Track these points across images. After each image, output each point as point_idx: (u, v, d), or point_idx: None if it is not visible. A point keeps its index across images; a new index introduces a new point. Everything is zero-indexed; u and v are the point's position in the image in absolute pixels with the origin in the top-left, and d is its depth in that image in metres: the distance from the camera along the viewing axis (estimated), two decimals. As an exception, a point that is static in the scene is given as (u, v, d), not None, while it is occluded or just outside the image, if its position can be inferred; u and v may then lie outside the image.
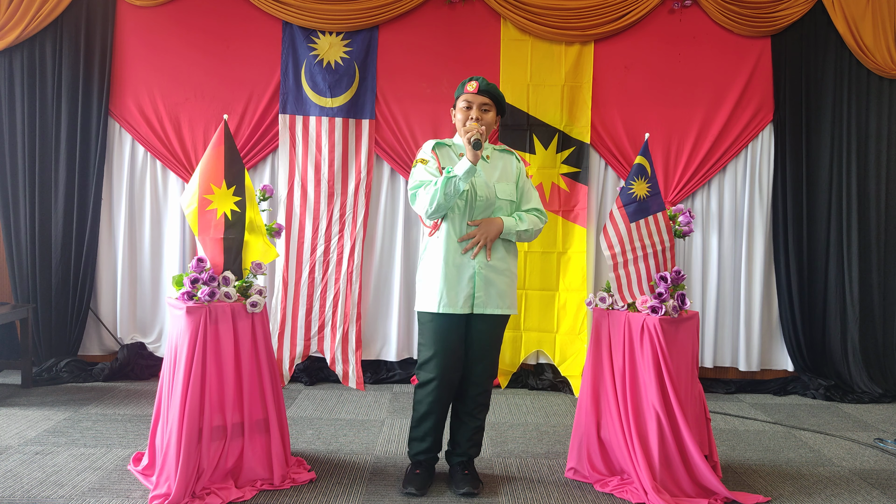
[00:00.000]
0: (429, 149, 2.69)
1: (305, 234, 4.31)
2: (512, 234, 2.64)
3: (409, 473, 2.72)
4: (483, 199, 2.62)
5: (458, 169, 2.49)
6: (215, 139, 2.67)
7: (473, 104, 2.64)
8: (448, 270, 2.58)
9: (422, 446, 2.72)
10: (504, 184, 2.69)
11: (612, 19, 4.31)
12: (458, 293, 2.58)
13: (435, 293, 2.59)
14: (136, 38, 4.31)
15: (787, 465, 3.10)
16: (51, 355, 4.29)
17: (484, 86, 2.64)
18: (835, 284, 4.41)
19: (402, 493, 2.65)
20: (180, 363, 2.50)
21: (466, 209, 2.61)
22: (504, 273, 2.65)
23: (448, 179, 2.48)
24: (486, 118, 2.65)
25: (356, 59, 4.34)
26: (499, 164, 2.73)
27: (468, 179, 2.50)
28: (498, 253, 2.65)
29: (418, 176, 2.62)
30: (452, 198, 2.51)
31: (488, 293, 2.61)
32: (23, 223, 4.28)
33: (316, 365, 4.40)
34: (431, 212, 2.54)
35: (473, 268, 2.59)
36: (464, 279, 2.59)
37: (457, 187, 2.49)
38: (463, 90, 2.67)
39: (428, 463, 2.75)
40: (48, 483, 2.63)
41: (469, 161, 2.47)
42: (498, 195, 2.66)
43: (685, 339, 2.74)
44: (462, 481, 2.66)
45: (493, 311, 2.62)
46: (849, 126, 4.39)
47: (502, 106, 2.72)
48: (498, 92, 2.68)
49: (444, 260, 2.59)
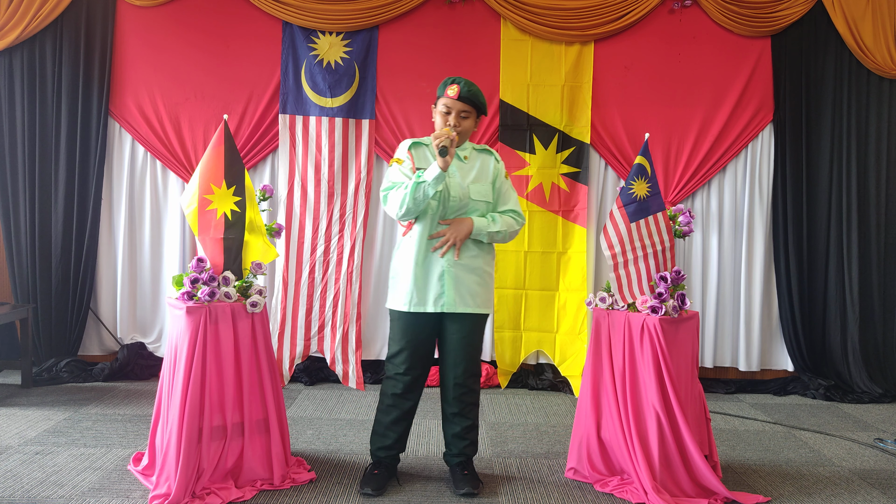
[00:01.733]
0: (405, 148, 2.68)
1: (305, 234, 4.31)
2: (483, 234, 2.63)
3: (368, 473, 2.70)
4: (456, 199, 2.62)
5: (427, 174, 2.48)
6: (215, 139, 2.67)
7: (453, 110, 2.61)
8: (418, 270, 2.59)
9: (383, 442, 2.71)
10: (479, 185, 2.67)
11: (612, 19, 4.31)
12: (428, 292, 2.58)
13: (405, 292, 2.60)
14: (136, 38, 4.31)
15: (787, 465, 3.10)
16: (51, 355, 4.29)
17: (465, 92, 2.58)
18: (835, 284, 4.41)
19: (359, 492, 2.63)
20: (180, 363, 2.50)
21: (440, 209, 2.61)
22: (475, 272, 2.64)
23: (417, 184, 2.47)
24: (465, 124, 2.63)
25: (356, 59, 4.34)
26: (476, 165, 2.71)
27: (437, 185, 2.48)
28: (469, 252, 2.63)
29: (391, 177, 2.62)
30: (422, 202, 2.51)
31: (459, 292, 2.59)
32: (23, 223, 4.28)
33: (316, 365, 4.40)
34: (401, 214, 2.55)
35: (442, 267, 2.59)
36: (433, 278, 2.59)
37: (426, 193, 2.48)
38: (444, 92, 2.63)
39: (388, 462, 2.74)
40: (48, 483, 2.63)
41: (439, 167, 2.45)
42: (472, 196, 2.64)
43: (685, 339, 2.74)
44: (462, 481, 2.66)
45: (463, 310, 2.60)
46: (849, 126, 4.39)
47: (483, 109, 2.68)
48: (478, 99, 2.63)
49: (414, 259, 2.59)
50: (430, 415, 3.62)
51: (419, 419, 3.54)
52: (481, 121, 4.29)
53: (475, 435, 2.76)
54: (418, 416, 3.56)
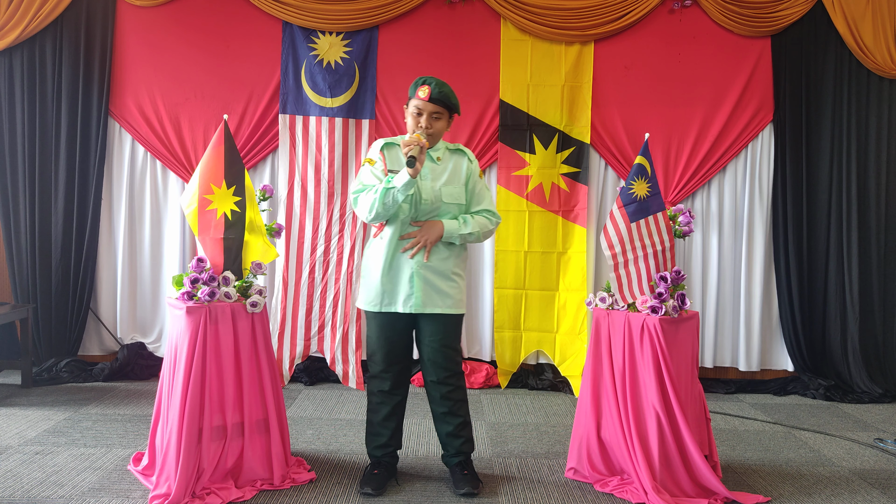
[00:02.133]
0: (377, 149, 2.66)
1: (305, 234, 4.31)
2: (455, 237, 2.61)
3: (368, 473, 2.70)
4: (428, 202, 2.61)
5: (397, 181, 2.46)
6: (215, 139, 2.67)
7: (424, 112, 2.59)
8: (387, 271, 2.60)
9: (378, 440, 2.72)
10: (451, 187, 2.65)
11: (612, 19, 4.31)
12: (397, 293, 2.59)
13: (375, 293, 2.62)
14: (136, 38, 4.31)
15: (787, 465, 3.10)
16: (51, 355, 4.29)
17: (436, 93, 2.55)
18: (835, 284, 4.41)
19: (359, 492, 2.63)
20: (180, 363, 2.50)
21: (411, 212, 2.60)
22: (445, 274, 2.62)
23: (387, 190, 2.46)
24: (437, 126, 2.61)
25: (356, 59, 4.34)
26: (448, 166, 2.68)
27: (407, 192, 2.47)
28: (440, 254, 2.62)
29: (362, 178, 2.60)
30: (391, 208, 2.50)
31: (428, 294, 2.59)
32: (23, 223, 4.28)
33: (316, 365, 4.40)
34: (371, 219, 2.54)
35: (412, 268, 2.59)
36: (403, 280, 2.59)
37: (395, 199, 2.47)
38: (415, 93, 2.60)
39: (387, 461, 2.74)
40: (48, 483, 2.63)
41: (408, 174, 2.43)
42: (444, 199, 2.63)
43: (685, 339, 2.74)
44: (462, 481, 2.66)
45: (433, 310, 2.60)
46: (849, 126, 4.39)
47: (455, 110, 2.65)
48: (450, 100, 2.59)
49: (384, 261, 2.60)
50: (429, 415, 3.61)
51: (419, 419, 3.55)
52: (481, 121, 4.36)
53: (469, 432, 2.76)
54: (418, 416, 3.57)
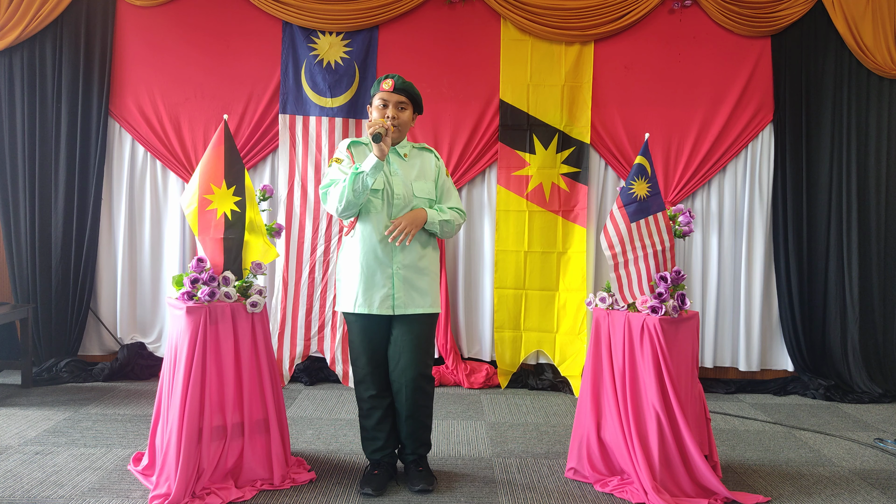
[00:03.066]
0: (344, 148, 2.69)
1: (305, 234, 4.31)
2: (435, 224, 2.64)
3: (368, 474, 2.70)
4: (401, 197, 2.62)
5: (365, 165, 2.48)
6: (215, 139, 2.67)
7: (389, 102, 2.63)
8: (364, 271, 2.59)
9: (375, 444, 2.73)
10: (422, 182, 2.69)
11: (612, 19, 4.31)
12: (375, 294, 2.59)
13: (352, 294, 2.61)
14: (136, 38, 4.32)
15: (787, 465, 3.10)
16: (51, 355, 4.29)
17: (400, 84, 2.63)
18: (835, 284, 4.41)
19: (359, 493, 2.63)
20: (180, 363, 2.50)
21: (384, 207, 2.61)
22: (423, 272, 2.65)
23: (356, 175, 2.47)
24: (403, 116, 2.65)
25: (356, 59, 4.34)
26: (416, 163, 2.73)
27: (375, 175, 2.48)
28: (416, 252, 2.64)
29: (331, 175, 2.62)
30: (361, 194, 2.50)
31: (408, 293, 2.61)
32: (23, 223, 4.28)
33: (316, 365, 4.40)
34: (342, 209, 2.53)
35: (392, 268, 2.59)
36: (381, 280, 2.59)
37: (364, 183, 2.48)
38: (379, 88, 2.65)
39: (386, 462, 2.74)
40: (48, 483, 2.63)
41: (375, 156, 2.45)
42: (416, 193, 2.66)
43: (685, 339, 2.74)
44: (416, 478, 2.66)
45: (414, 310, 2.62)
46: (849, 126, 4.39)
47: (419, 104, 2.71)
48: (414, 90, 2.67)
49: (360, 261, 2.60)
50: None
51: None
52: (481, 121, 4.36)
53: (427, 436, 2.77)
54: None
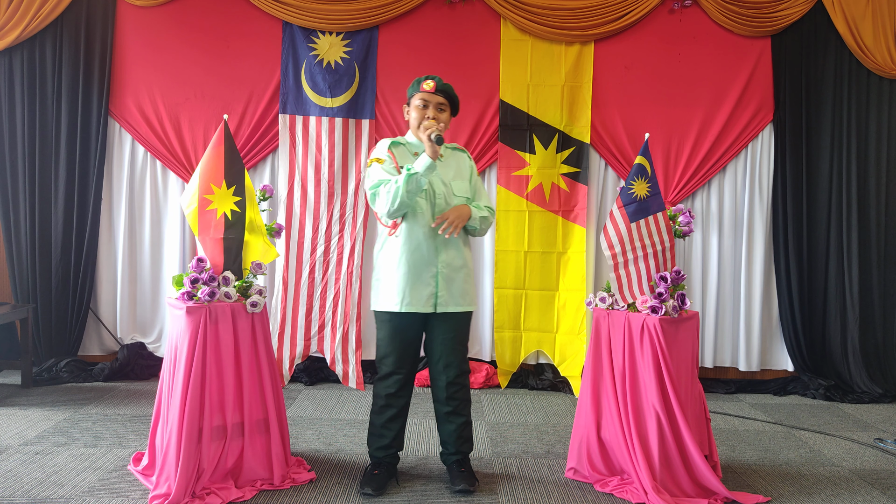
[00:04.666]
0: (384, 148, 2.69)
1: (305, 234, 4.31)
2: (476, 220, 2.69)
3: (368, 473, 2.71)
4: (442, 196, 2.65)
5: (417, 165, 2.50)
6: (215, 139, 2.67)
7: (430, 103, 2.66)
8: (410, 270, 2.60)
9: (381, 442, 2.72)
10: (459, 181, 2.73)
11: (612, 19, 4.31)
12: (420, 292, 2.60)
13: (395, 293, 2.62)
14: (136, 38, 4.31)
15: (787, 465, 3.10)
16: (51, 355, 4.29)
17: (440, 85, 2.66)
18: (835, 284, 4.41)
19: (359, 492, 2.64)
20: (180, 363, 2.50)
21: (427, 207, 2.63)
22: (462, 269, 2.69)
23: (410, 176, 2.48)
24: (442, 118, 2.67)
25: (356, 59, 4.34)
26: (452, 163, 2.76)
27: (429, 175, 2.51)
28: (458, 250, 2.68)
29: (376, 175, 2.62)
30: (414, 195, 2.52)
31: (450, 292, 2.63)
32: (23, 223, 4.28)
33: (316, 365, 4.40)
34: (394, 210, 2.54)
35: (436, 267, 2.61)
36: (425, 278, 2.60)
37: (419, 184, 2.50)
38: (419, 88, 2.68)
39: (388, 462, 2.75)
40: (48, 483, 2.63)
41: (429, 157, 2.48)
42: (455, 192, 2.69)
43: (685, 339, 2.74)
44: (458, 478, 2.67)
45: (454, 308, 2.65)
46: (849, 126, 4.39)
47: (456, 106, 2.74)
48: (453, 93, 2.71)
49: (405, 260, 2.61)
50: (430, 415, 3.61)
51: (419, 419, 3.55)
52: (481, 121, 4.37)
53: (470, 432, 2.78)
54: (419, 416, 3.58)
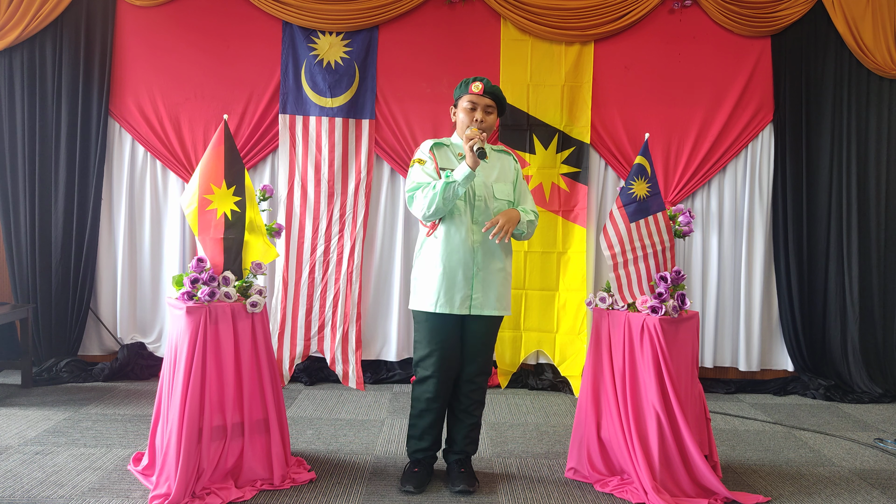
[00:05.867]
0: (427, 149, 2.69)
1: (305, 234, 4.31)
2: (523, 224, 2.67)
3: (408, 472, 2.73)
4: (482, 198, 2.64)
5: (457, 174, 2.50)
6: (215, 139, 2.67)
7: (479, 106, 2.65)
8: (446, 271, 2.60)
9: (420, 444, 2.73)
10: (502, 184, 2.71)
11: (612, 19, 4.31)
12: (456, 294, 2.59)
13: (432, 293, 2.61)
14: (136, 38, 4.31)
15: (787, 465, 3.10)
16: (51, 355, 4.29)
17: (489, 87, 2.65)
18: (835, 284, 4.41)
19: (400, 490, 2.66)
20: (180, 363, 2.50)
21: (466, 209, 2.62)
22: (500, 273, 2.67)
23: (447, 185, 2.49)
24: (489, 120, 2.67)
25: (356, 59, 4.34)
26: (497, 165, 2.74)
27: (467, 185, 2.51)
28: (497, 254, 2.66)
29: (415, 177, 2.62)
30: (451, 202, 2.53)
31: (486, 295, 2.62)
32: (23, 223, 4.28)
33: (316, 365, 4.40)
34: (429, 215, 2.55)
35: (473, 269, 2.61)
36: (462, 280, 2.60)
37: (455, 192, 2.50)
38: (467, 90, 2.66)
39: (426, 461, 2.76)
40: (48, 483, 2.63)
41: (468, 167, 2.47)
42: (496, 195, 2.67)
43: (685, 339, 2.74)
44: (458, 479, 2.67)
45: (489, 312, 2.64)
46: (849, 126, 4.39)
47: (503, 107, 2.74)
48: (501, 94, 2.70)
49: (442, 261, 2.60)
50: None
51: (419, 419, 3.55)
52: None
53: (477, 434, 2.79)
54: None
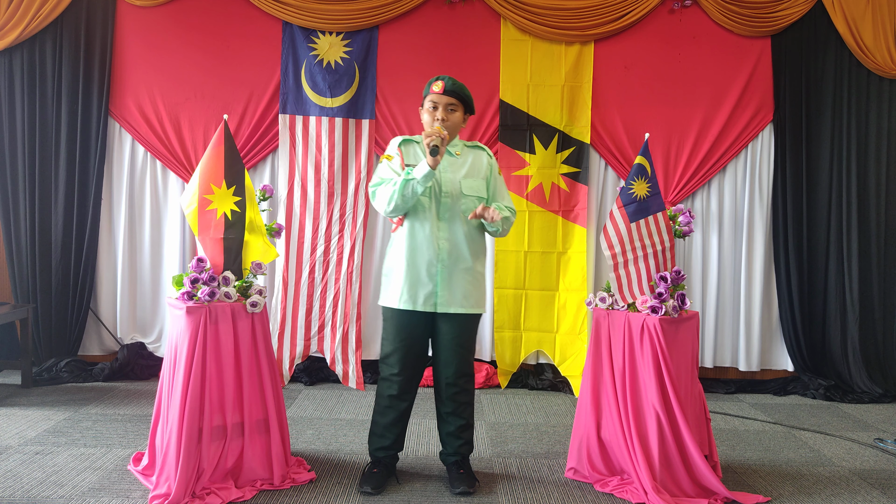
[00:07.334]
0: (395, 145, 2.69)
1: (305, 234, 4.31)
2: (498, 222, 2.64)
3: (367, 472, 2.71)
4: (449, 194, 2.62)
5: (416, 172, 2.49)
6: (215, 139, 2.67)
7: (439, 105, 2.63)
8: (410, 267, 2.59)
9: (382, 442, 2.73)
10: (471, 180, 2.68)
11: (612, 19, 4.31)
12: (419, 290, 2.58)
13: (396, 289, 2.61)
14: (136, 38, 4.31)
15: (787, 465, 3.10)
16: (51, 355, 4.29)
17: (450, 86, 2.62)
18: (835, 284, 4.41)
19: (358, 491, 2.64)
20: (180, 363, 2.50)
21: (432, 205, 2.61)
22: (469, 272, 2.64)
23: (406, 182, 2.48)
24: (453, 118, 2.64)
25: (356, 59, 4.34)
26: (468, 160, 2.72)
27: (426, 183, 2.49)
28: (463, 252, 2.63)
29: (380, 173, 2.63)
30: (410, 200, 2.51)
31: (451, 292, 2.60)
32: (23, 223, 4.28)
33: (316, 365, 4.40)
34: (389, 211, 2.55)
35: (437, 266, 2.59)
36: (426, 277, 2.59)
37: (415, 190, 2.49)
38: (429, 90, 2.66)
39: (387, 461, 2.75)
40: (48, 483, 2.63)
41: (428, 165, 2.46)
42: (464, 191, 2.65)
43: (685, 339, 2.74)
44: (457, 480, 2.67)
45: (456, 310, 2.61)
46: (849, 126, 4.39)
47: (470, 105, 2.70)
48: (464, 92, 2.66)
49: (406, 257, 2.60)
50: (430, 414, 3.61)
51: (419, 419, 3.55)
52: (481, 121, 4.36)
53: (470, 434, 2.77)
54: (418, 415, 3.58)
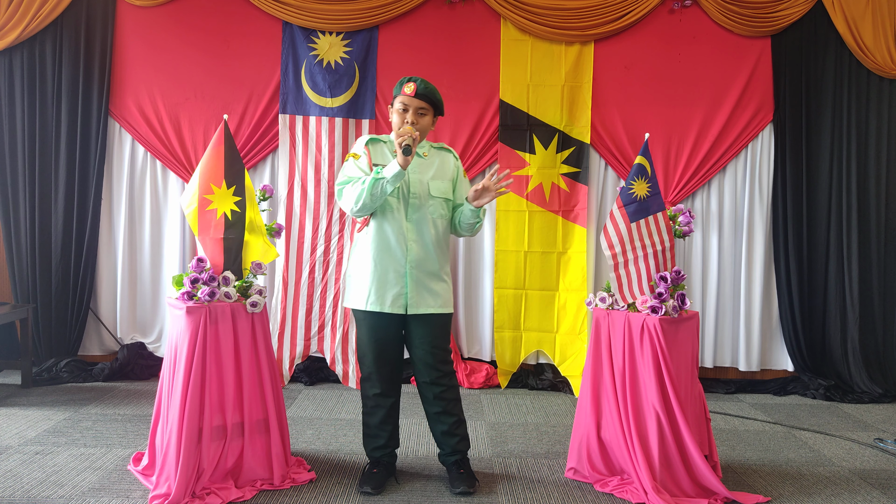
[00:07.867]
0: (362, 144, 2.68)
1: (305, 234, 4.31)
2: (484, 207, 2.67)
3: (367, 473, 2.71)
4: (416, 195, 2.62)
5: (386, 171, 2.48)
6: (215, 139, 2.67)
7: (410, 107, 2.61)
8: (377, 269, 2.59)
9: (376, 442, 2.73)
10: (439, 181, 2.68)
11: (612, 19, 4.31)
12: (387, 292, 2.58)
13: (364, 290, 2.60)
14: (136, 38, 4.32)
15: (787, 465, 3.10)
16: (51, 355, 4.29)
17: (422, 89, 2.60)
18: (835, 284, 4.41)
19: (358, 491, 2.64)
20: (180, 363, 2.50)
21: (400, 206, 2.61)
22: (436, 276, 2.65)
23: (376, 181, 2.47)
24: (422, 122, 2.63)
25: (356, 59, 4.34)
26: (435, 162, 2.72)
27: (396, 183, 2.48)
28: (430, 253, 2.63)
29: (347, 171, 2.61)
30: (378, 199, 2.50)
31: (420, 293, 2.60)
32: (23, 223, 4.28)
33: (316, 365, 4.40)
34: (356, 210, 2.53)
35: (405, 267, 2.59)
36: (394, 278, 2.58)
37: (384, 190, 2.48)
38: (400, 90, 2.63)
39: (385, 461, 2.76)
40: (48, 483, 2.63)
41: (399, 165, 2.45)
42: (431, 193, 2.65)
43: (685, 339, 2.74)
44: (457, 480, 2.66)
45: (426, 310, 2.61)
46: (849, 126, 4.39)
47: (440, 108, 2.69)
48: (436, 96, 2.64)
49: (373, 258, 2.60)
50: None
51: (419, 419, 3.55)
52: (481, 121, 4.36)
53: (464, 430, 2.76)
54: (418, 416, 3.57)
